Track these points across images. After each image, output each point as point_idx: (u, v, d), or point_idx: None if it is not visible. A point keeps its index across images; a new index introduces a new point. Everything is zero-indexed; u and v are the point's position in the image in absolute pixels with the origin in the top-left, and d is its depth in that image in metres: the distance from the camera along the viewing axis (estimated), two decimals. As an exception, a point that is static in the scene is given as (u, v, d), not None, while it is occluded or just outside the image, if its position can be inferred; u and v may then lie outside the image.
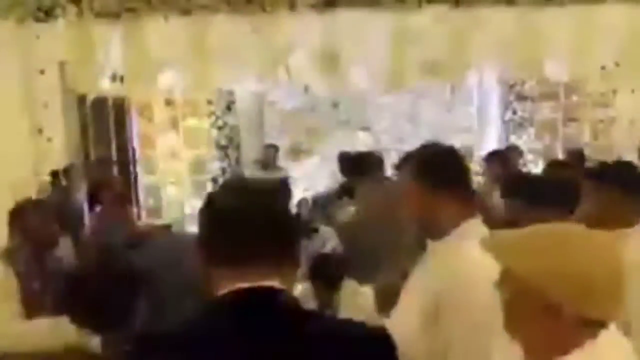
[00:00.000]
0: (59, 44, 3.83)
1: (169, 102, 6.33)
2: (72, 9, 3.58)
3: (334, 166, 5.69)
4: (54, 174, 4.18)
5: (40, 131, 3.97)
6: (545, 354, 0.99)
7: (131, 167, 6.14)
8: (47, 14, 3.63)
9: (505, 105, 6.53)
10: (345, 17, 3.68)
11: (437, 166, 1.45)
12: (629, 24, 3.55)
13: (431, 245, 1.44)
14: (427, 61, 4.06)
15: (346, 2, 3.57)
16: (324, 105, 6.56)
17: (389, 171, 3.58)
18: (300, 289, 2.33)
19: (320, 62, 3.96)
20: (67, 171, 4.06)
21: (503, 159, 4.74)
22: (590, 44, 3.64)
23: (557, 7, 3.65)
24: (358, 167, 3.81)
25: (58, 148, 4.08)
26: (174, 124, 6.42)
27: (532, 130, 6.52)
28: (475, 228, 1.37)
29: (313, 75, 4.14)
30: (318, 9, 3.62)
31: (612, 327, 1.01)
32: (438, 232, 1.40)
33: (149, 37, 3.76)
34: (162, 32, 3.75)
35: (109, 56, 3.93)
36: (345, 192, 4.11)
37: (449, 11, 3.69)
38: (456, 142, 6.65)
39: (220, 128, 6.41)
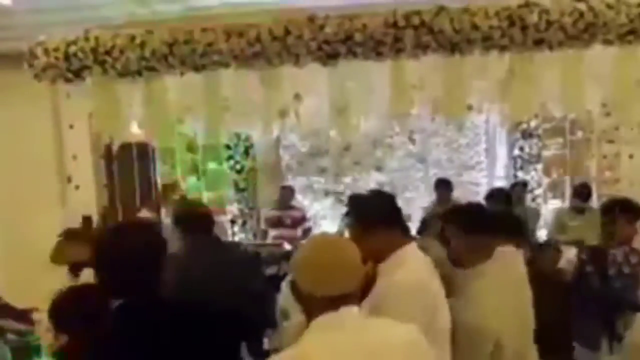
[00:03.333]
0: (86, 101, 4.18)
1: (190, 148, 6.69)
2: (97, 70, 3.92)
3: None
4: (86, 219, 4.54)
5: (69, 179, 4.31)
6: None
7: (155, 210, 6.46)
8: (75, 75, 3.98)
9: (512, 143, 6.70)
10: (347, 67, 3.93)
11: (361, 212, 1.99)
12: (613, 67, 3.74)
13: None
14: (428, 103, 4.33)
15: (347, 54, 3.82)
16: (337, 147, 6.83)
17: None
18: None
19: (327, 109, 4.21)
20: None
21: (506, 196, 4.92)
22: (578, 85, 3.83)
23: (546, 52, 3.84)
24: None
25: (85, 194, 4.42)
26: (195, 168, 6.75)
27: (539, 166, 6.66)
28: (405, 254, 1.91)
29: (322, 121, 4.39)
30: (322, 61, 3.87)
31: (355, 308, 1.46)
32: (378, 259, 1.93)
33: (167, 91, 4.08)
34: (178, 86, 4.08)
35: (132, 108, 4.28)
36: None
37: (444, 59, 3.91)
38: (465, 179, 6.91)
39: (238, 171, 6.72)
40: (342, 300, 1.43)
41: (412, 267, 1.90)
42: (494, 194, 4.99)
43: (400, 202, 6.41)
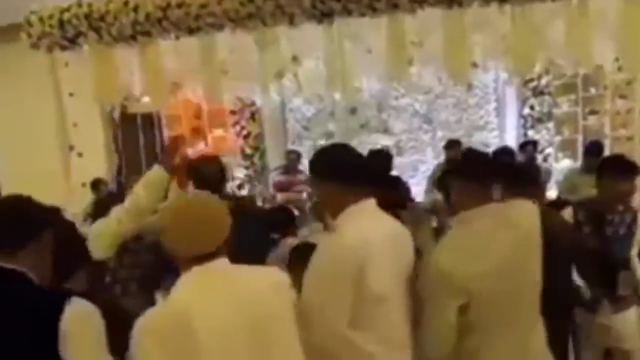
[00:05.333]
0: (85, 68, 4.17)
1: (196, 115, 6.68)
2: (92, 36, 3.90)
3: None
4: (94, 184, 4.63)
5: (71, 148, 4.34)
6: None
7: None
8: (71, 42, 3.96)
9: (523, 101, 6.54)
10: (343, 26, 3.85)
11: (320, 164, 1.94)
12: (620, 17, 3.58)
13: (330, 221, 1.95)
14: (429, 61, 4.23)
15: (342, 12, 3.73)
16: (343, 110, 6.76)
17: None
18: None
19: (326, 70, 4.14)
20: (95, 184, 4.45)
21: (510, 155, 4.84)
22: (584, 38, 3.68)
23: (549, 3, 3.69)
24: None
25: (88, 162, 4.44)
26: (202, 134, 6.75)
27: (550, 125, 6.49)
28: (353, 213, 1.84)
29: (321, 83, 4.32)
30: (317, 19, 3.80)
31: (223, 259, 1.56)
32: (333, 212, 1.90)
33: (163, 55, 4.05)
34: (174, 50, 4.04)
35: (133, 75, 4.27)
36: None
37: (442, 13, 3.79)
38: (475, 140, 6.79)
39: (245, 137, 6.71)
40: (210, 258, 1.53)
41: (350, 227, 1.81)
42: (498, 153, 4.91)
43: (407, 164, 6.45)
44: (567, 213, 2.96)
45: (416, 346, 1.92)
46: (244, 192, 6.63)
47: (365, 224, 1.84)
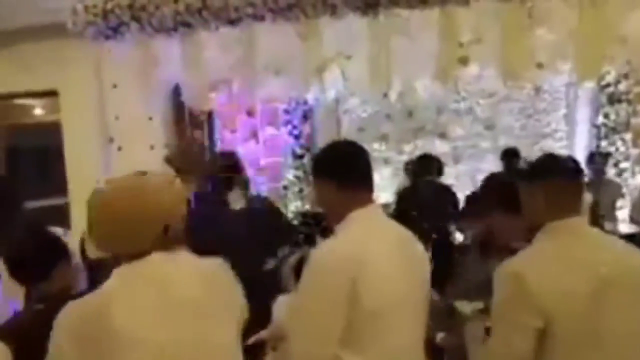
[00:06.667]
0: (128, 59, 4.13)
1: (250, 113, 6.57)
2: (134, 26, 3.85)
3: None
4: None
5: (111, 140, 4.32)
6: None
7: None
8: (114, 31, 3.94)
9: (597, 108, 5.94)
10: (389, 17, 3.59)
11: (322, 162, 1.72)
12: None
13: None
14: (483, 59, 3.86)
15: (388, 3, 3.49)
16: (400, 113, 6.45)
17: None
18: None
19: (370, 66, 3.89)
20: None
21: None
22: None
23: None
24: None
25: (128, 156, 4.39)
26: (254, 133, 6.62)
27: (627, 136, 5.86)
28: (354, 219, 1.60)
29: (367, 80, 4.07)
30: (361, 11, 3.57)
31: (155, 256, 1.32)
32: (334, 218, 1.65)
33: (204, 49, 3.94)
34: (215, 43, 3.93)
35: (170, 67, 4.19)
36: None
37: (500, 5, 3.46)
38: (541, 149, 6.25)
39: (296, 137, 6.53)
40: (142, 255, 1.32)
41: (347, 235, 1.59)
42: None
43: (464, 172, 6.01)
44: None
45: None
46: (290, 193, 6.46)
47: (366, 232, 1.58)
